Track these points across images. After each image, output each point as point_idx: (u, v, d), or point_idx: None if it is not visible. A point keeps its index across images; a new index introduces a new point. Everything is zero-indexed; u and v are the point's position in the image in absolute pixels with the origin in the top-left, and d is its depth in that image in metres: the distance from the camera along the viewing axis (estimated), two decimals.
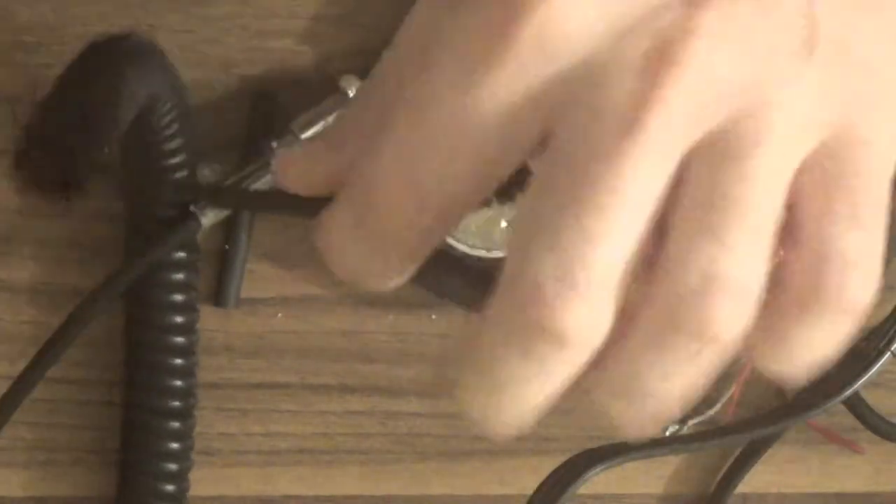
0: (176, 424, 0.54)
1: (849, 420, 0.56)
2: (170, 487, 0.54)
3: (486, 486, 0.58)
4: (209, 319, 0.56)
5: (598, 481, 0.50)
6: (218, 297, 0.56)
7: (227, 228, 0.55)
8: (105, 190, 0.54)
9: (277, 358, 0.56)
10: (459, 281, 0.55)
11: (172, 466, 0.54)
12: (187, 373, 0.54)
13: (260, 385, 0.57)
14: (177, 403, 0.54)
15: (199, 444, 0.56)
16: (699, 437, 0.55)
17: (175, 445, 0.54)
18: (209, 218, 0.53)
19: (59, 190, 0.49)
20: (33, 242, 0.55)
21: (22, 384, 0.52)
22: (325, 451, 0.57)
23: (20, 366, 0.55)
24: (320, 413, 0.57)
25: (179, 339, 0.54)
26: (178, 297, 0.54)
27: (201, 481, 0.57)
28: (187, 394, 0.55)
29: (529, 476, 0.56)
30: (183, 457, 0.55)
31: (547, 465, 0.50)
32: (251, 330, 0.56)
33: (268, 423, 0.57)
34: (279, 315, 0.56)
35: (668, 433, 0.58)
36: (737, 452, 0.58)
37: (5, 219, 0.54)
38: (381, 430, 0.57)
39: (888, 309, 0.56)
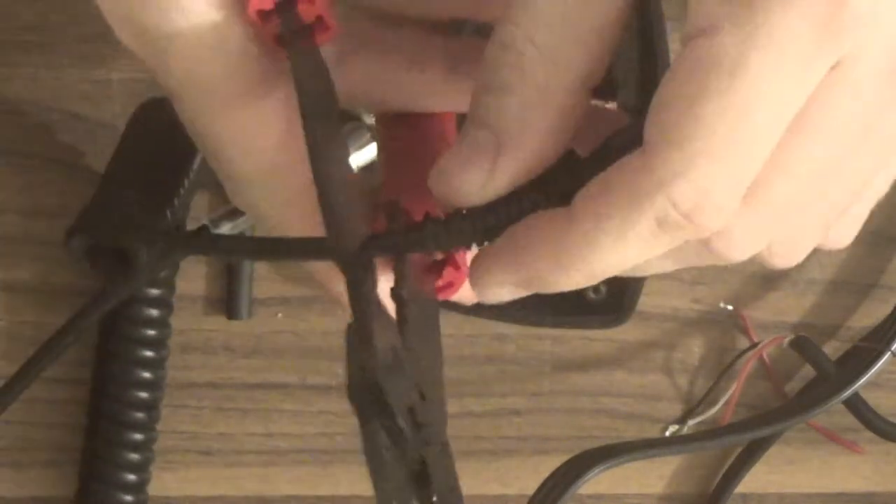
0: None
1: (849, 420, 0.56)
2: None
3: (486, 486, 0.58)
4: (210, 320, 0.56)
5: (598, 481, 0.50)
6: (230, 310, 0.56)
7: None
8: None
9: (277, 358, 0.56)
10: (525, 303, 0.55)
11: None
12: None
13: (260, 385, 0.57)
14: (138, 436, 0.54)
15: (199, 444, 0.57)
16: (699, 437, 0.55)
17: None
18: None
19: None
20: (33, 242, 0.55)
21: None
22: (325, 451, 0.57)
23: (20, 366, 0.55)
24: (320, 413, 0.57)
25: (146, 374, 0.54)
26: (151, 333, 0.54)
27: (201, 481, 0.57)
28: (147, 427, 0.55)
29: (529, 476, 0.56)
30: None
31: (547, 465, 0.50)
32: (251, 330, 0.56)
33: (268, 423, 0.57)
34: (279, 315, 0.56)
35: (668, 433, 0.58)
36: (737, 452, 0.59)
37: (5, 219, 0.54)
38: None
39: (888, 309, 0.56)
